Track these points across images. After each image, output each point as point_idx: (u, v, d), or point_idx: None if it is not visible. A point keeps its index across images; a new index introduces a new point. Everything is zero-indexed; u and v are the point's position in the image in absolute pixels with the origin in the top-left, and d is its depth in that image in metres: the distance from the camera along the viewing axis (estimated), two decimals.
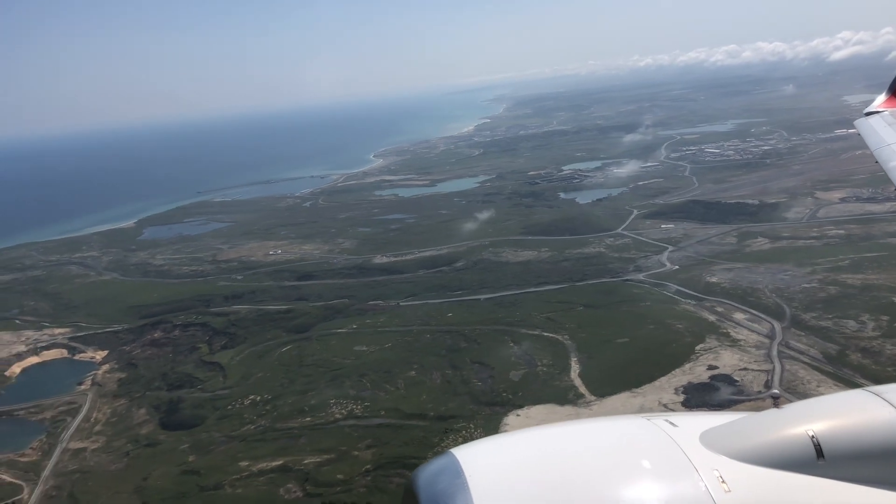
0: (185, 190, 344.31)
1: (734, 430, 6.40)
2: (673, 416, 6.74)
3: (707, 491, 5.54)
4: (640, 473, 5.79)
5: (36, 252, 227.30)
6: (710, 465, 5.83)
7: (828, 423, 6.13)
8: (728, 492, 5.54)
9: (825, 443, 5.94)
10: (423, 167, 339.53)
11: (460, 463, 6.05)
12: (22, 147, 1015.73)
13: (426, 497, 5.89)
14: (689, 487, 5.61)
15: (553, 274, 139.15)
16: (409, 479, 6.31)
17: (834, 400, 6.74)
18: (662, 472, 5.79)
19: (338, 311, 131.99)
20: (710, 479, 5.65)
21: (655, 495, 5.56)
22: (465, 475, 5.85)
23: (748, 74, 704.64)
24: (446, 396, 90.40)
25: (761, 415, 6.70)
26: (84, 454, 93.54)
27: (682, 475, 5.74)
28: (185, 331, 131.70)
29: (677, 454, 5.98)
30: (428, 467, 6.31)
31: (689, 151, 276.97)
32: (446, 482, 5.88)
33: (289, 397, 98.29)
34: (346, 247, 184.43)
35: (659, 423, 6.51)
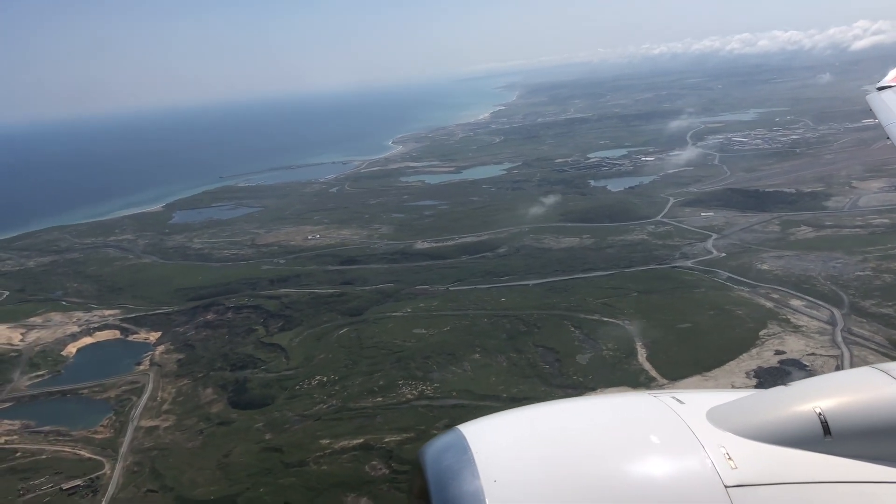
0: (207, 175, 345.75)
1: (741, 408, 6.43)
2: (679, 393, 6.80)
3: (713, 467, 5.57)
4: (646, 449, 5.83)
5: (69, 235, 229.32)
6: (716, 442, 5.86)
7: (835, 401, 6.16)
8: (735, 468, 5.56)
9: (832, 420, 5.95)
10: (445, 154, 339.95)
11: (467, 439, 6.10)
12: (41, 130, 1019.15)
13: (433, 473, 5.93)
14: (695, 464, 5.64)
15: (599, 260, 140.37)
16: (418, 455, 6.32)
17: (842, 377, 6.90)
18: (669, 448, 5.83)
19: (388, 295, 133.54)
20: (717, 456, 5.68)
21: (662, 471, 5.61)
22: (471, 451, 5.89)
23: (764, 63, 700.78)
24: (516, 379, 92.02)
25: (768, 392, 6.76)
26: (157, 432, 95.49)
27: (688, 452, 5.77)
28: (239, 313, 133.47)
29: (684, 431, 6.02)
30: (434, 444, 6.35)
31: (716, 140, 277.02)
32: (453, 458, 5.92)
33: (356, 378, 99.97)
34: (383, 232, 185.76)
35: (665, 400, 6.55)
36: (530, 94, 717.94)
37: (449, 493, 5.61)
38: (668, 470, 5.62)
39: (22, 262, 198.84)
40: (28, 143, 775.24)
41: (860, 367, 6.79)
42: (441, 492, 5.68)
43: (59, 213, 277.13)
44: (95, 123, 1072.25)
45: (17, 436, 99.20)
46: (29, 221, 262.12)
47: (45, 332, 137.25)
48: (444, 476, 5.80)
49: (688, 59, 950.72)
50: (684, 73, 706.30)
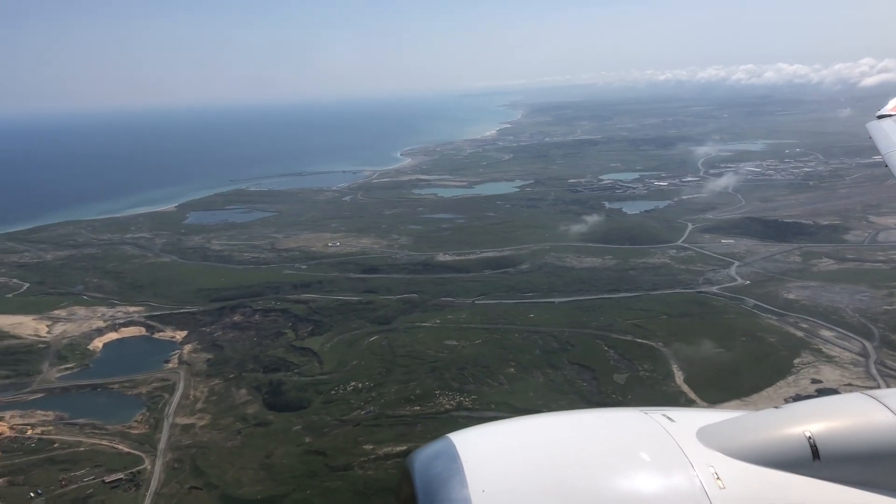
0: (217, 177, 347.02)
1: (731, 428, 6.44)
2: (670, 410, 6.81)
3: (702, 487, 5.57)
4: (635, 466, 5.83)
5: (84, 230, 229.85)
6: (705, 462, 5.86)
7: (825, 425, 6.15)
8: (723, 489, 5.57)
9: (822, 444, 5.96)
10: (455, 169, 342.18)
11: (457, 447, 6.09)
12: (52, 122, 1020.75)
13: (421, 481, 5.91)
14: (683, 482, 5.63)
15: (622, 282, 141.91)
16: (405, 463, 6.31)
17: (832, 402, 6.80)
18: (658, 465, 5.83)
19: (415, 306, 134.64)
20: (706, 476, 5.69)
21: (650, 488, 5.61)
22: (460, 460, 5.88)
23: (770, 95, 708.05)
24: (553, 395, 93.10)
25: (759, 413, 6.78)
26: (194, 430, 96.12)
27: (677, 470, 5.77)
28: (266, 316, 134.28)
29: (673, 449, 6.02)
30: (424, 451, 6.32)
31: (728, 168, 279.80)
32: (442, 466, 5.90)
33: (391, 386, 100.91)
34: (403, 243, 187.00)
35: (656, 417, 6.55)
36: (535, 114, 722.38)
37: (436, 500, 5.60)
38: (656, 487, 5.61)
39: (39, 254, 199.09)
40: (37, 135, 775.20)
41: (851, 392, 6.77)
42: (429, 499, 5.67)
43: (71, 208, 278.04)
44: (107, 118, 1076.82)
45: (52, 427, 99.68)
46: (41, 214, 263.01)
47: (70, 325, 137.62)
48: (432, 484, 5.77)
49: (693, 87, 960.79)
50: (690, 100, 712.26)
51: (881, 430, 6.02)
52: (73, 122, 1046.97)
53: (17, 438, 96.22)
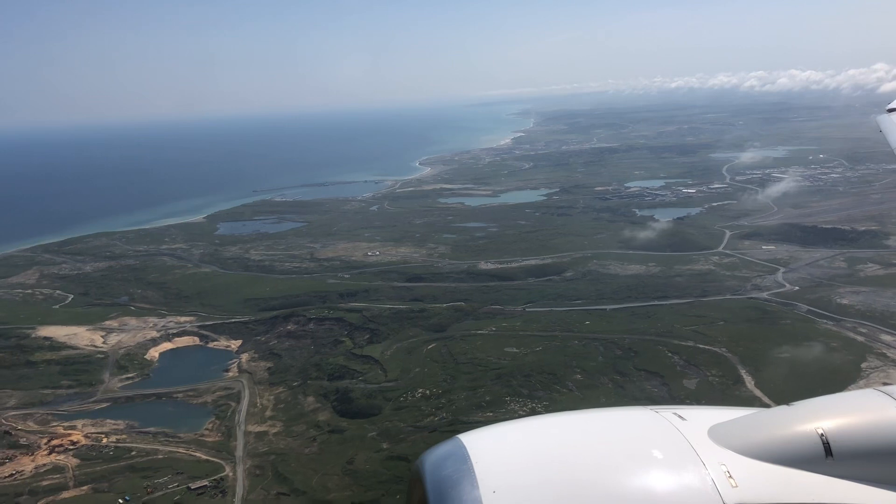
0: (239, 188, 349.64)
1: (743, 426, 6.43)
2: (681, 409, 6.82)
3: (714, 485, 5.58)
4: (647, 465, 5.82)
5: (119, 241, 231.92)
6: (717, 460, 5.86)
7: (837, 422, 6.13)
8: (735, 487, 5.58)
9: (834, 441, 5.94)
10: (477, 178, 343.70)
11: (467, 449, 6.07)
12: (63, 135, 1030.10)
13: (431, 482, 5.94)
14: (695, 481, 5.64)
15: (670, 289, 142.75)
16: (416, 464, 6.35)
17: (844, 399, 6.74)
18: (670, 464, 5.83)
19: (467, 314, 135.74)
20: (718, 474, 5.69)
21: (662, 487, 5.61)
22: (471, 461, 5.87)
23: (783, 102, 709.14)
24: (626, 401, 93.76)
25: (771, 411, 6.78)
26: (268, 437, 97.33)
27: (689, 468, 5.77)
28: (321, 324, 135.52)
29: (685, 447, 6.02)
30: (434, 452, 6.36)
31: (755, 175, 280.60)
32: (452, 467, 5.91)
33: (459, 392, 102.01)
34: (441, 252, 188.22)
35: (667, 416, 6.56)
36: (547, 122, 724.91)
37: (448, 502, 5.63)
38: (668, 486, 5.61)
39: (78, 266, 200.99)
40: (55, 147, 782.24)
41: (863, 388, 6.84)
42: (440, 500, 5.71)
43: (99, 220, 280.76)
44: (125, 130, 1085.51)
45: (125, 435, 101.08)
46: (71, 226, 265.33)
47: (125, 335, 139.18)
48: (443, 485, 5.80)
49: (705, 94, 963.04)
50: (703, 107, 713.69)
51: (894, 427, 6.03)
52: (92, 133, 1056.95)
53: (94, 446, 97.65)
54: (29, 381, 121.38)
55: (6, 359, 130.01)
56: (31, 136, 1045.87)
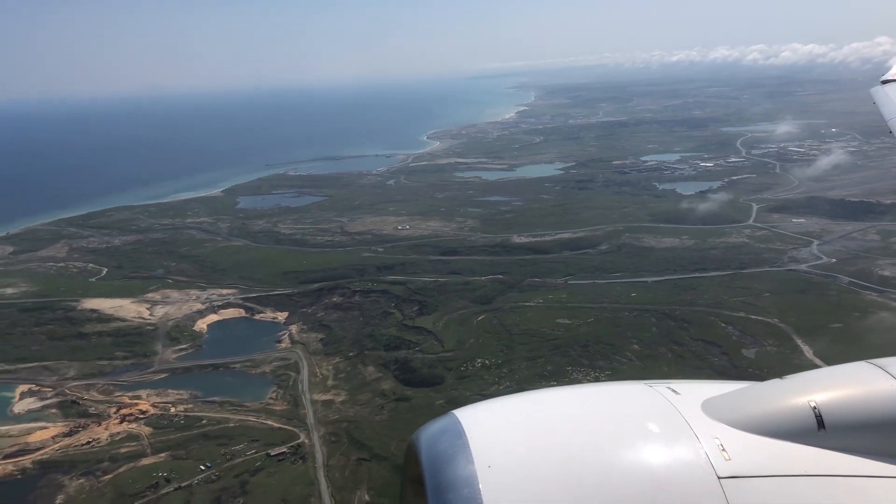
0: (251, 162, 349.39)
1: (736, 400, 6.46)
2: (675, 383, 6.83)
3: (707, 458, 5.63)
4: (641, 439, 5.88)
5: (142, 215, 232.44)
6: (710, 433, 5.91)
7: (830, 394, 6.18)
8: (728, 460, 5.63)
9: (826, 413, 5.99)
10: (489, 152, 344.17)
11: (462, 424, 6.12)
12: (69, 109, 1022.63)
13: (427, 457, 5.96)
14: (689, 454, 5.69)
15: (708, 261, 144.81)
16: (412, 439, 6.40)
17: (836, 371, 6.74)
18: (663, 438, 5.88)
19: (510, 286, 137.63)
20: (711, 447, 5.74)
21: (656, 460, 5.66)
22: (466, 436, 5.92)
23: (786, 76, 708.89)
24: (688, 369, 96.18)
25: (763, 385, 6.77)
26: (335, 405, 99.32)
27: (682, 442, 5.82)
28: (367, 297, 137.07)
29: (678, 421, 6.06)
30: (429, 428, 6.38)
31: (771, 149, 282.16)
32: (447, 443, 5.94)
33: (519, 362, 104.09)
34: (471, 225, 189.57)
35: (661, 391, 6.57)
36: (549, 96, 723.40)
37: (443, 477, 5.67)
38: (662, 459, 5.67)
39: (106, 240, 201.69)
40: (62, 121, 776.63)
41: (855, 361, 6.82)
42: (435, 476, 5.75)
43: (117, 193, 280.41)
44: (134, 103, 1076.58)
45: (191, 404, 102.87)
46: (90, 200, 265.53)
47: (170, 307, 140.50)
48: (438, 460, 5.83)
49: (706, 68, 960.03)
50: (706, 81, 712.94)
51: (885, 399, 6.05)
52: (99, 107, 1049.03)
53: (163, 415, 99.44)
54: (83, 352, 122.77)
55: (57, 331, 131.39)
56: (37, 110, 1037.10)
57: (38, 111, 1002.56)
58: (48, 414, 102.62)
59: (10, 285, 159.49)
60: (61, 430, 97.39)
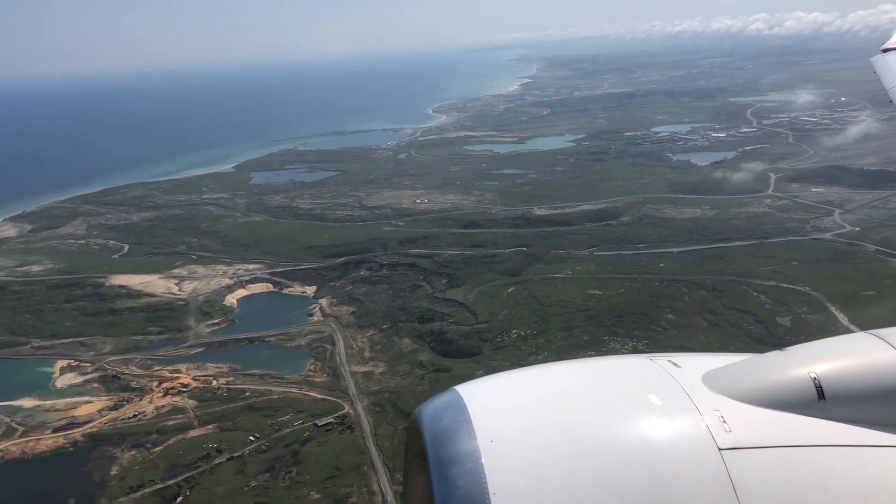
0: (258, 138, 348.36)
1: (737, 372, 6.43)
2: (675, 356, 6.79)
3: (708, 430, 5.63)
4: (641, 411, 5.88)
5: (157, 192, 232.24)
6: (711, 405, 5.89)
7: (830, 365, 6.16)
8: (729, 431, 5.63)
9: (827, 384, 5.99)
10: (498, 125, 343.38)
11: (463, 399, 6.11)
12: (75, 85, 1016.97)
13: (429, 433, 5.96)
14: (689, 426, 5.68)
15: (731, 231, 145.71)
16: (414, 415, 6.40)
17: (837, 342, 6.71)
18: (664, 410, 5.87)
19: (536, 258, 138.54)
20: (711, 419, 5.73)
21: (656, 433, 5.67)
22: (468, 411, 5.92)
23: (788, 45, 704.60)
24: (725, 337, 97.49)
25: (764, 357, 6.74)
26: (375, 376, 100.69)
27: (683, 414, 5.81)
28: (394, 270, 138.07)
29: (679, 393, 6.04)
30: (431, 404, 6.37)
31: (783, 119, 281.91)
32: (449, 418, 5.93)
33: (554, 333, 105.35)
34: (489, 198, 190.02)
35: (662, 364, 6.54)
36: (552, 68, 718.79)
37: (445, 452, 5.69)
38: (663, 432, 5.68)
39: (124, 216, 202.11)
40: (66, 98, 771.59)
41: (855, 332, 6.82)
42: (438, 451, 5.76)
43: (127, 170, 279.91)
44: (134, 80, 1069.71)
45: (231, 377, 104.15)
46: (101, 177, 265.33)
47: (198, 283, 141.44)
48: (440, 435, 5.83)
49: (709, 38, 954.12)
50: (709, 51, 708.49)
51: (885, 369, 6.06)
52: (98, 83, 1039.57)
53: (206, 388, 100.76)
54: (117, 327, 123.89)
55: (89, 307, 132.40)
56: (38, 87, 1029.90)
57: (39, 89, 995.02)
58: (90, 388, 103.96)
59: (34, 262, 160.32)
60: (106, 403, 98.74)
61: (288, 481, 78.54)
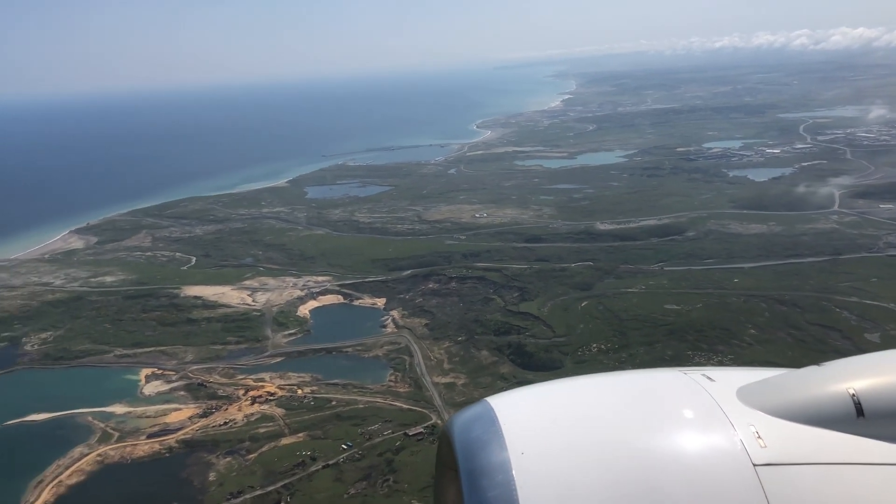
0: (307, 153, 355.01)
1: (772, 386, 6.33)
2: (710, 370, 6.73)
3: (742, 446, 5.52)
4: (675, 426, 5.83)
5: (216, 206, 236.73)
6: (746, 421, 5.79)
7: (869, 381, 5.99)
8: (764, 447, 5.51)
9: (866, 401, 5.81)
10: (545, 140, 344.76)
11: (495, 411, 6.11)
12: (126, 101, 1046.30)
13: (461, 444, 5.97)
14: (724, 442, 5.58)
15: (801, 247, 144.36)
16: (445, 426, 6.44)
17: (876, 358, 6.60)
18: (698, 425, 5.80)
19: (607, 273, 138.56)
20: (746, 434, 5.62)
21: (690, 448, 5.59)
22: (499, 423, 5.92)
23: (833, 60, 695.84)
24: (813, 353, 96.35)
25: (800, 372, 6.62)
26: (458, 388, 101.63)
27: (717, 429, 5.72)
28: (463, 283, 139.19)
29: (713, 408, 5.96)
30: (462, 415, 6.40)
31: (839, 134, 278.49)
32: (481, 430, 5.95)
33: (636, 347, 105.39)
34: (548, 213, 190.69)
35: (696, 377, 6.49)
36: (592, 84, 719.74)
37: (476, 463, 5.68)
38: (697, 447, 5.60)
39: (187, 229, 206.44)
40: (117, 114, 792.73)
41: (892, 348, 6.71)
42: (468, 462, 5.76)
43: (182, 184, 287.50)
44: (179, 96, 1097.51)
45: (315, 387, 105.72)
46: (159, 191, 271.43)
47: (270, 294, 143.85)
48: (471, 447, 5.85)
49: (750, 54, 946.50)
50: (752, 67, 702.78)
51: None
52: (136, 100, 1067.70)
53: (292, 397, 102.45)
54: (196, 337, 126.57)
55: (166, 317, 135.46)
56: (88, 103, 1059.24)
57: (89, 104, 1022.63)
58: (177, 396, 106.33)
59: (106, 273, 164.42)
60: (195, 411, 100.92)
61: (386, 489, 79.61)
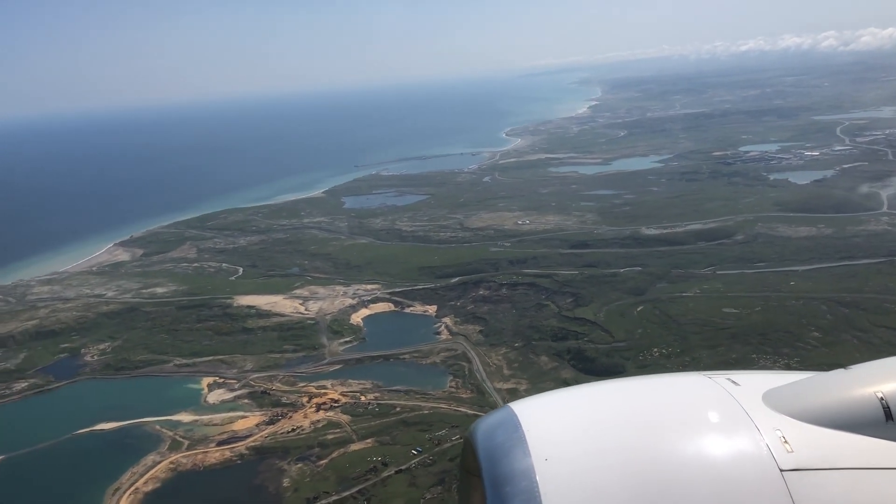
0: (340, 164, 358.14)
1: (799, 391, 6.27)
2: (735, 374, 6.69)
3: (769, 450, 5.47)
4: (700, 431, 5.75)
5: (257, 217, 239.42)
6: (772, 425, 5.73)
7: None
8: (790, 452, 5.45)
9: (895, 404, 5.78)
10: (577, 147, 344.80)
11: (518, 417, 6.07)
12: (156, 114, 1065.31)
13: (484, 449, 5.96)
14: (750, 446, 5.53)
15: (854, 249, 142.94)
16: (469, 432, 6.42)
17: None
18: (723, 430, 5.73)
19: (659, 277, 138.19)
20: (772, 439, 5.57)
21: (716, 453, 5.53)
22: (522, 429, 5.87)
23: (862, 62, 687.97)
24: (883, 354, 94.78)
25: (827, 375, 6.55)
26: (520, 393, 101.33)
27: (743, 434, 5.66)
28: (514, 290, 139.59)
29: (739, 413, 5.89)
30: (486, 420, 6.40)
31: (878, 136, 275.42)
32: (504, 436, 5.91)
33: (699, 350, 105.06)
34: (591, 219, 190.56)
35: (720, 382, 6.43)
36: (618, 90, 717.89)
37: (500, 469, 5.65)
38: (722, 452, 5.54)
39: (231, 240, 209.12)
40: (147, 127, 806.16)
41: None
42: (492, 468, 5.74)
43: (219, 196, 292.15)
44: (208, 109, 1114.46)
45: (377, 393, 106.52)
46: (198, 203, 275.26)
47: (322, 303, 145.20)
48: (495, 453, 5.82)
49: (777, 57, 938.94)
50: (780, 70, 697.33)
51: None
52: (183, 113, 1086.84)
53: (356, 404, 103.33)
54: (253, 346, 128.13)
55: (222, 326, 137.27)
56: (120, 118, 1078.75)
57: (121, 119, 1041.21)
58: (241, 404, 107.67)
59: (157, 285, 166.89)
60: (261, 418, 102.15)
61: None
